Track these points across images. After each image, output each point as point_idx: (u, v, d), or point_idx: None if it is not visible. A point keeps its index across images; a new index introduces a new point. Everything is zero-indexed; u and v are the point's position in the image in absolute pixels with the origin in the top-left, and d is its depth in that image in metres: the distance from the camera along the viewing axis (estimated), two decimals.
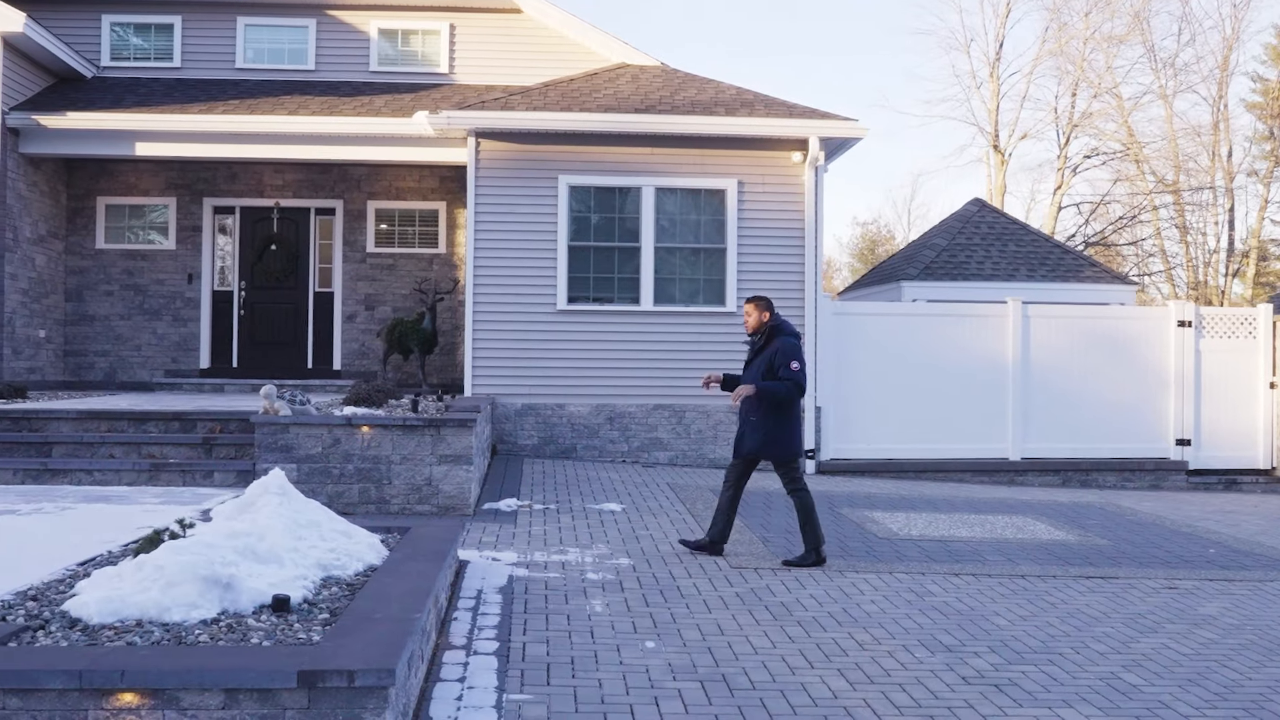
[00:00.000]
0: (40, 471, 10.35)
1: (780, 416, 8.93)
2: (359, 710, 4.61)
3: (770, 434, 8.91)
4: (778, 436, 8.93)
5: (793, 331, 9.13)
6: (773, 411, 8.90)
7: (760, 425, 8.92)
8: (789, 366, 8.78)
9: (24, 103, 15.07)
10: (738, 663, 6.52)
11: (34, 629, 5.23)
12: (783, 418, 8.94)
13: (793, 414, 9.01)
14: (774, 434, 8.92)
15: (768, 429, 8.90)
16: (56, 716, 4.51)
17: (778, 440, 8.94)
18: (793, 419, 9.01)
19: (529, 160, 14.76)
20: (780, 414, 8.92)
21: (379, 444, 10.51)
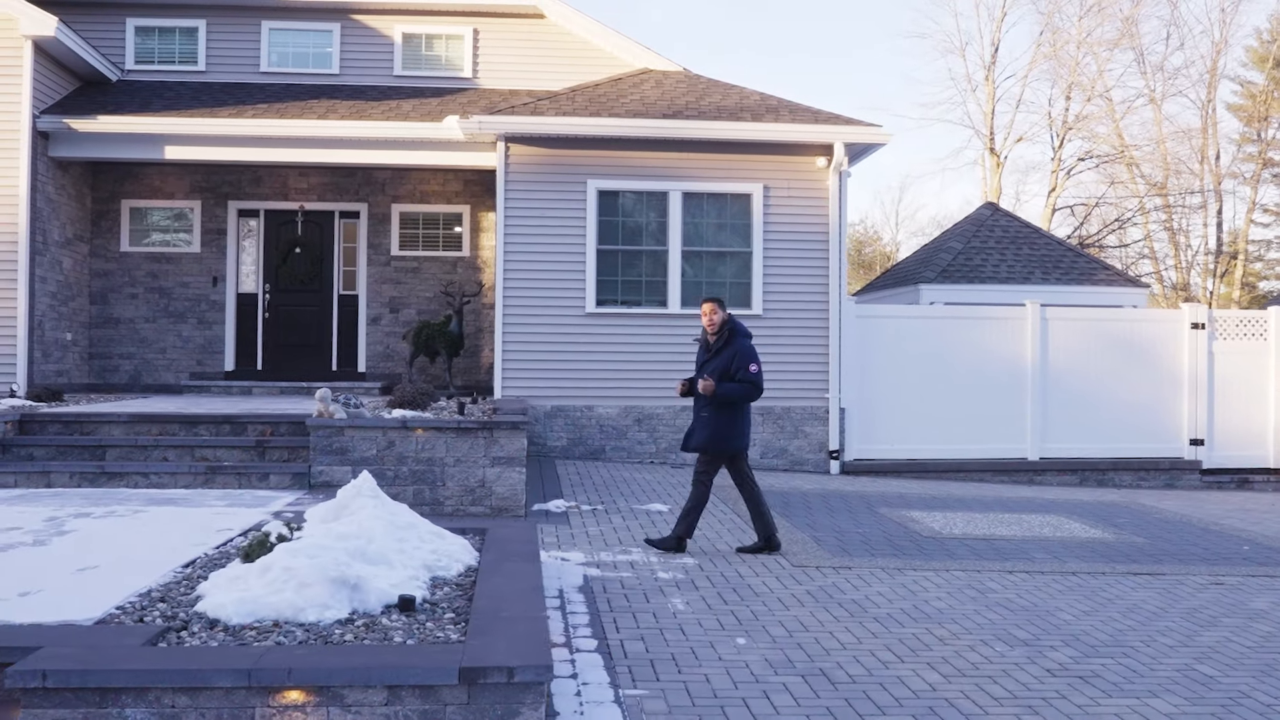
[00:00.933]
0: (97, 475, 10.45)
1: (731, 415, 9.25)
2: (517, 705, 4.78)
3: (719, 430, 9.22)
4: (727, 433, 9.25)
5: (746, 332, 9.44)
6: (725, 409, 9.18)
7: (710, 421, 9.24)
8: (748, 369, 9.13)
9: (52, 106, 15.12)
10: (829, 658, 6.72)
11: (176, 629, 5.38)
12: (734, 415, 9.27)
13: (743, 411, 9.34)
14: (723, 430, 9.23)
15: (717, 425, 9.22)
16: (225, 714, 4.67)
17: (727, 437, 9.26)
18: (742, 416, 9.35)
19: (558, 165, 14.93)
20: (732, 413, 9.25)
21: (433, 446, 10.66)
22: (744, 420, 9.36)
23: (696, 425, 9.34)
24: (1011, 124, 34.13)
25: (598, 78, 16.76)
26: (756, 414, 15.07)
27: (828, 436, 15.22)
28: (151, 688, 4.63)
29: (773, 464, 15.13)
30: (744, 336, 9.31)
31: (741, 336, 9.29)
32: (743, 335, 9.31)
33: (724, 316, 9.36)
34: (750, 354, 9.18)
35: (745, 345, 9.23)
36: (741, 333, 9.33)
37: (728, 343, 9.26)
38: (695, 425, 9.36)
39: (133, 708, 4.63)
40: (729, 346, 9.23)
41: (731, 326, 9.34)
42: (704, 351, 9.45)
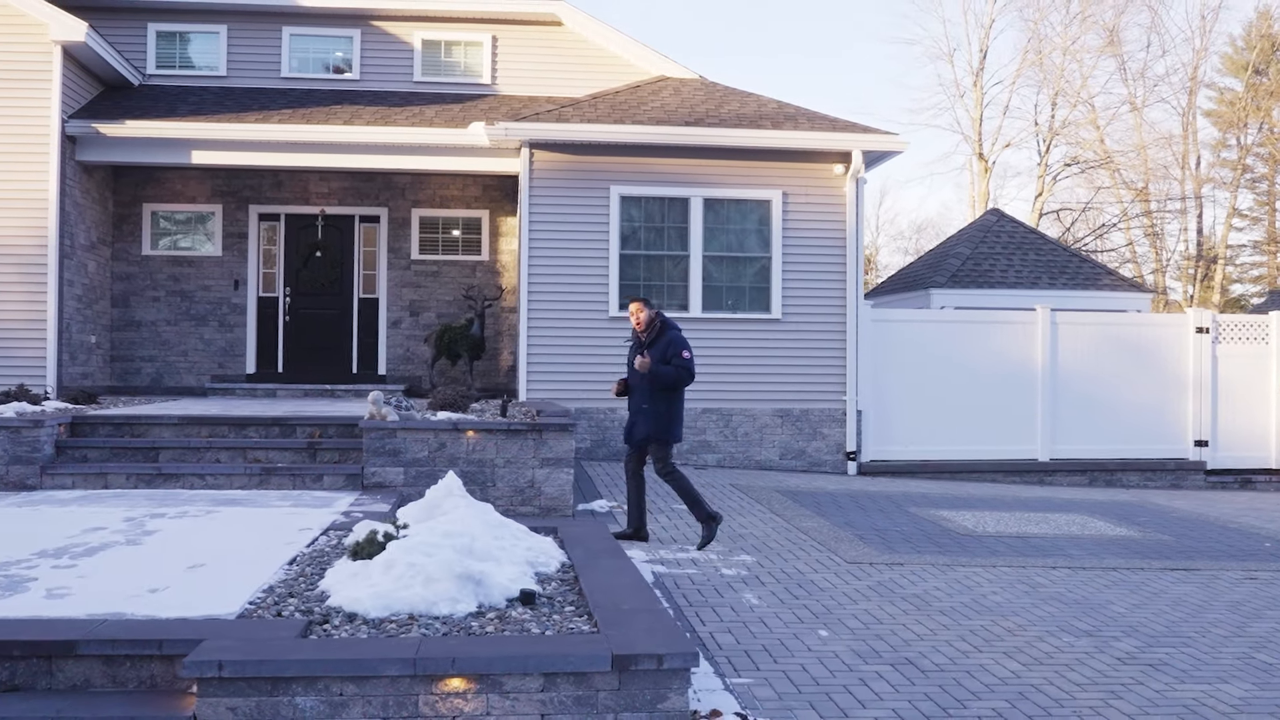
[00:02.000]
0: (154, 476, 10.60)
1: (670, 406, 9.66)
2: (664, 690, 5.05)
3: (660, 421, 9.61)
4: (668, 423, 9.65)
5: (676, 326, 9.87)
6: (663, 400, 9.61)
7: (651, 414, 9.63)
8: (681, 355, 9.55)
9: (79, 110, 15.23)
10: (910, 648, 7.02)
11: (317, 622, 5.60)
12: (672, 407, 9.68)
13: (678, 402, 9.74)
14: (664, 421, 9.62)
15: (658, 416, 9.61)
16: (390, 701, 4.91)
17: (668, 426, 9.65)
18: (679, 405, 9.75)
19: (581, 171, 15.19)
20: (670, 403, 9.66)
21: (483, 448, 10.90)
22: (680, 410, 9.77)
23: (638, 420, 9.74)
24: (999, 129, 34.76)
25: (614, 85, 17.03)
26: (775, 417, 15.41)
27: (845, 438, 15.55)
28: (321, 677, 4.86)
29: (791, 465, 15.44)
30: (673, 329, 9.74)
31: (671, 329, 9.73)
32: (672, 328, 9.75)
33: (650, 314, 9.76)
34: (681, 342, 9.62)
35: (676, 335, 9.69)
36: (671, 326, 9.77)
37: (659, 336, 9.69)
38: (636, 420, 9.76)
39: (303, 696, 4.86)
40: (661, 339, 9.67)
41: (661, 321, 9.77)
42: (636, 349, 9.86)
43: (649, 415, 9.61)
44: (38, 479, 10.54)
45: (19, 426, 10.61)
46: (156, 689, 5.19)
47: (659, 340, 9.64)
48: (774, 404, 15.44)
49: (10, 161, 14.58)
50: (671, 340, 9.61)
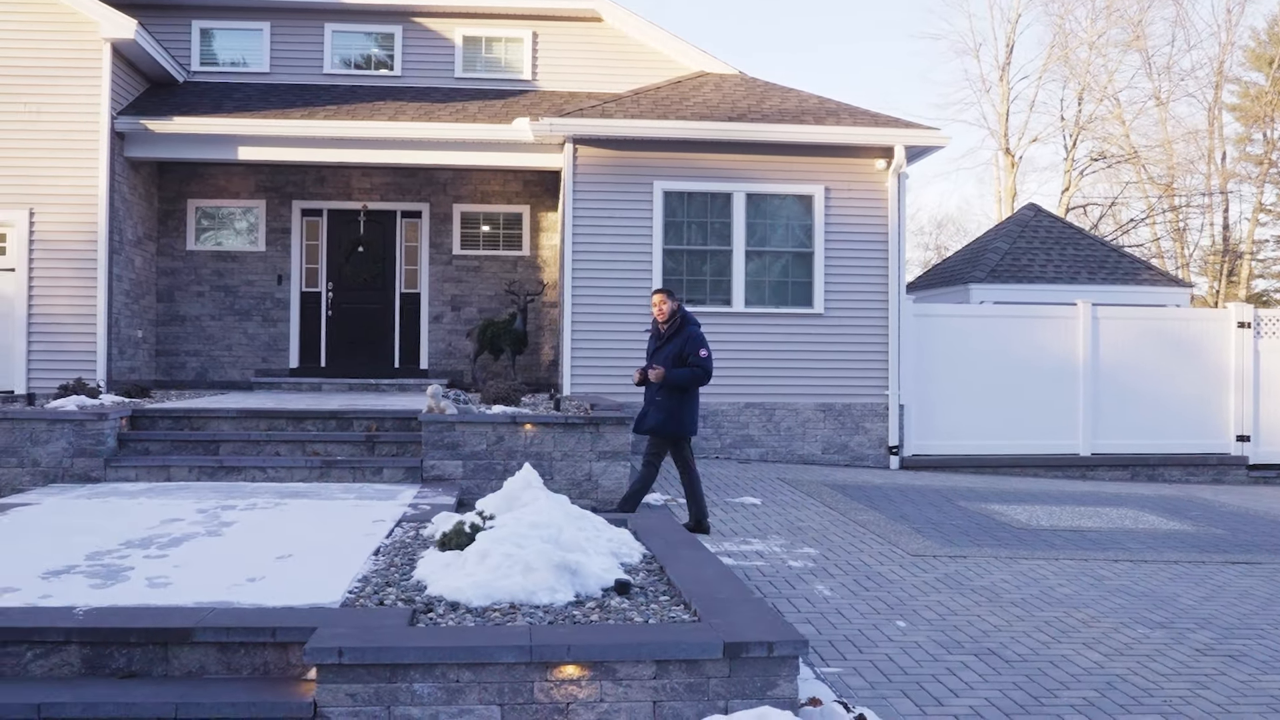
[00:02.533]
0: (215, 469, 10.70)
1: (682, 399, 9.74)
2: (774, 678, 5.13)
3: (671, 413, 9.70)
4: (680, 417, 9.74)
5: (696, 321, 9.95)
6: (676, 395, 9.68)
7: (664, 405, 9.73)
8: (698, 354, 9.65)
9: (127, 107, 15.33)
10: (990, 639, 7.08)
11: (421, 611, 5.68)
12: (684, 400, 9.76)
13: (693, 396, 9.83)
14: (675, 413, 9.72)
15: (669, 409, 9.71)
16: (505, 688, 4.99)
17: (680, 420, 9.75)
18: (692, 401, 9.84)
19: (624, 166, 15.24)
20: (682, 397, 9.74)
21: (541, 441, 10.97)
22: (694, 405, 9.85)
23: (650, 409, 9.82)
24: (1026, 124, 34.70)
25: (654, 80, 17.08)
26: (817, 411, 15.46)
27: (887, 432, 15.59)
28: (438, 664, 4.94)
29: (833, 459, 15.49)
30: (693, 325, 9.81)
31: (691, 325, 9.80)
32: (692, 324, 9.82)
33: (673, 306, 9.83)
34: (700, 340, 9.69)
35: (695, 332, 9.74)
36: (691, 321, 9.85)
37: (678, 330, 9.76)
38: (648, 409, 9.85)
39: (420, 683, 4.93)
40: (680, 334, 9.74)
41: (682, 315, 9.84)
42: (655, 340, 9.96)
43: (661, 408, 9.73)
44: (101, 471, 10.65)
45: (83, 420, 10.72)
46: (269, 676, 5.27)
47: (678, 334, 9.72)
48: (816, 398, 15.49)
49: (60, 158, 14.68)
50: (690, 336, 9.66)
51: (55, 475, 10.65)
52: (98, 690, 5.01)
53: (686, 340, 9.67)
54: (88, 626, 5.24)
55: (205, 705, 4.90)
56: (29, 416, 10.73)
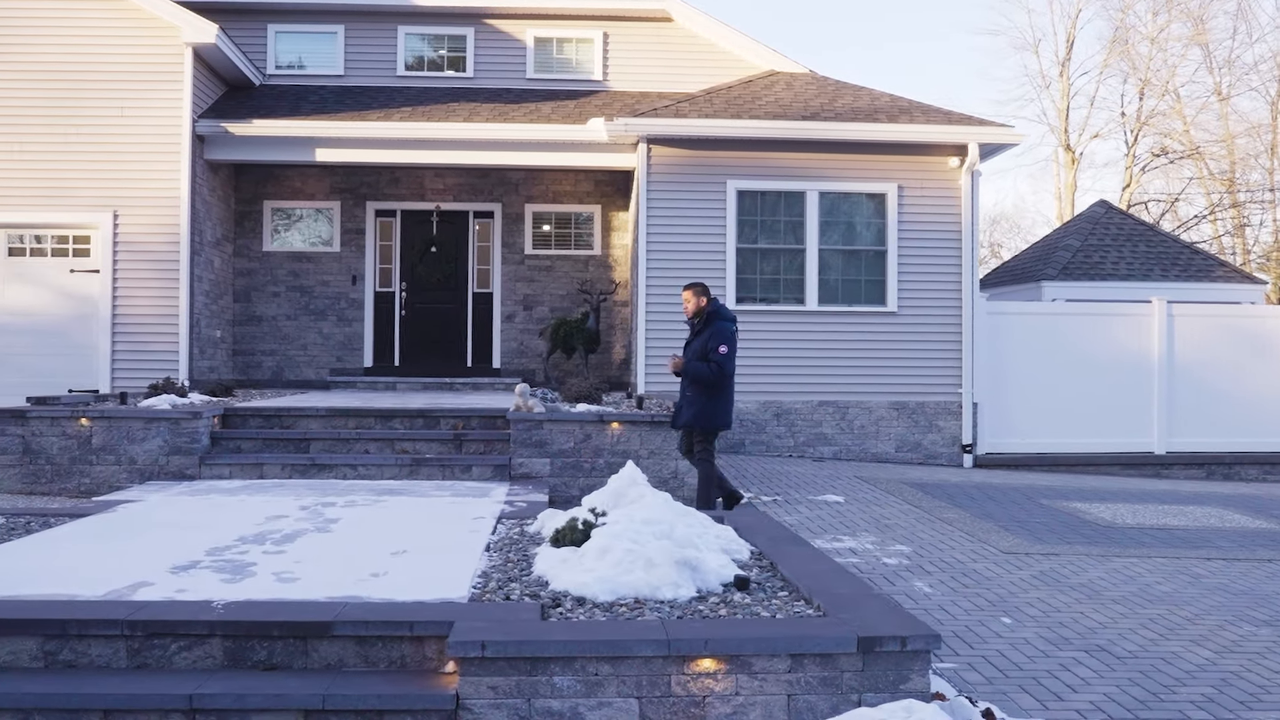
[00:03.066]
0: (308, 466, 10.88)
1: (714, 394, 9.77)
2: (907, 672, 5.17)
3: (704, 409, 9.77)
4: (711, 412, 9.79)
5: (729, 316, 9.96)
6: (705, 390, 9.71)
7: (695, 400, 9.80)
8: (717, 350, 9.65)
9: (207, 110, 15.58)
10: (1097, 635, 7.09)
11: (549, 606, 5.77)
12: (716, 395, 9.79)
13: (725, 392, 9.85)
14: (707, 409, 9.78)
15: (701, 404, 9.78)
16: (643, 680, 5.07)
17: (712, 415, 9.80)
18: (724, 397, 9.86)
19: (698, 165, 15.31)
20: (714, 392, 9.76)
21: (627, 439, 11.07)
22: (726, 400, 9.88)
23: (683, 404, 9.92)
24: (1087, 120, 34.45)
25: (724, 79, 17.13)
26: (891, 409, 15.46)
27: (961, 430, 15.56)
28: (578, 657, 5.03)
29: (907, 457, 15.49)
30: (723, 320, 9.82)
31: (720, 320, 9.81)
32: (721, 319, 9.83)
33: (701, 302, 9.87)
34: (722, 336, 9.68)
35: (720, 327, 9.75)
36: (722, 316, 9.86)
37: (707, 324, 9.80)
38: (682, 404, 9.95)
39: (560, 676, 5.03)
40: (708, 328, 9.77)
41: (711, 310, 9.86)
42: (691, 334, 9.98)
43: (692, 403, 9.83)
44: (196, 469, 10.85)
45: (178, 418, 10.94)
46: (406, 669, 5.38)
47: (705, 329, 9.77)
48: (890, 397, 15.49)
49: (143, 161, 14.94)
50: (714, 332, 9.71)
51: (151, 473, 10.87)
52: (246, 681, 5.14)
53: (711, 335, 9.71)
54: (230, 620, 5.37)
55: (351, 696, 5.01)
56: (126, 415, 10.95)
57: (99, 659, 5.31)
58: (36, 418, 10.92)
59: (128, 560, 6.72)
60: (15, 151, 14.92)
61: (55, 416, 10.93)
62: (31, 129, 14.90)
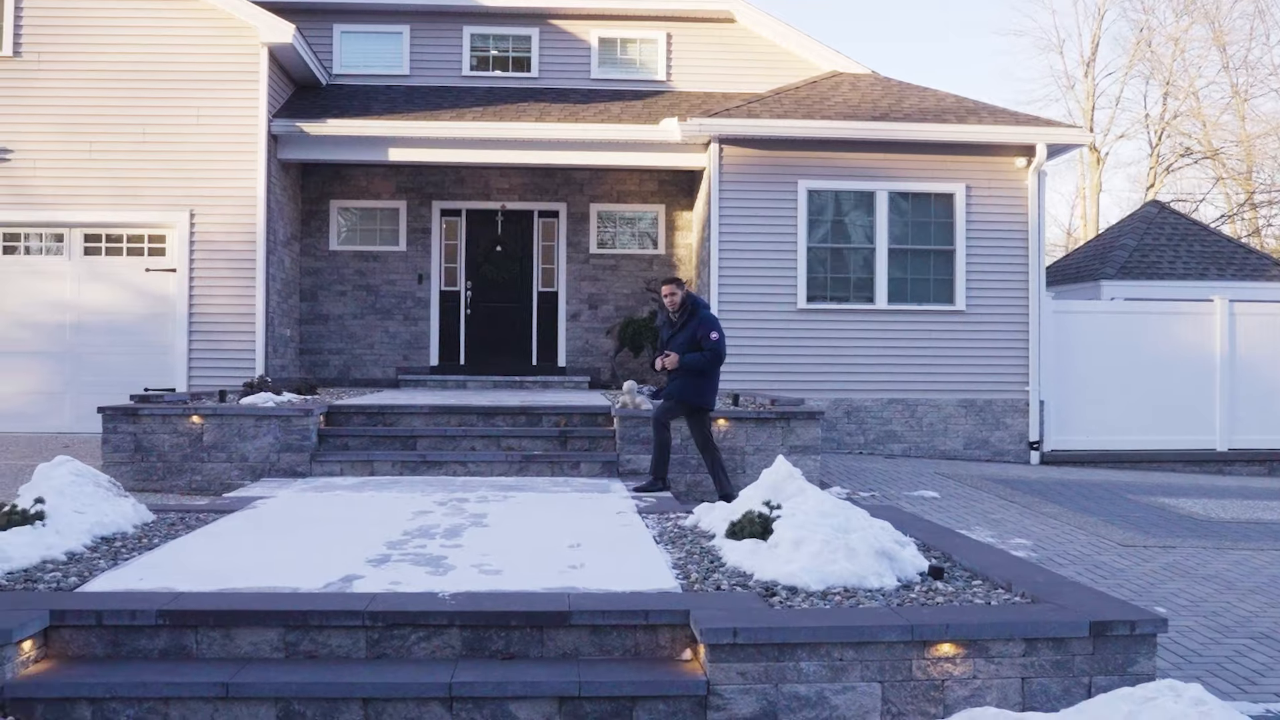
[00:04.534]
0: (418, 463, 10.98)
1: (700, 379, 9.95)
2: (1134, 655, 5.33)
3: (692, 389, 9.90)
4: (699, 392, 9.91)
5: (706, 304, 10.25)
6: (694, 376, 9.89)
7: (684, 383, 9.93)
8: (709, 337, 9.84)
9: (280, 110, 15.66)
10: (1253, 624, 7.24)
11: (765, 595, 5.89)
12: (704, 380, 9.97)
13: (713, 374, 10.04)
14: (695, 390, 9.89)
15: (692, 385, 9.92)
16: (886, 665, 5.22)
17: (700, 391, 9.94)
18: (712, 378, 10.04)
19: (768, 165, 15.45)
20: (701, 378, 9.94)
21: (734, 435, 11.20)
22: (714, 381, 10.07)
23: (673, 384, 10.03)
24: (1112, 120, 34.65)
25: (786, 79, 17.28)
26: (959, 407, 15.62)
27: (1028, 428, 15.74)
28: (823, 643, 5.18)
29: (975, 455, 15.65)
30: (705, 309, 10.04)
31: (703, 309, 10.02)
32: (703, 308, 10.04)
33: (683, 295, 10.03)
34: (712, 322, 9.92)
35: (707, 315, 9.98)
36: (702, 305, 10.07)
37: (691, 315, 9.96)
38: (671, 386, 10.05)
39: (806, 661, 5.17)
40: (693, 319, 9.95)
41: (693, 302, 10.04)
42: (669, 328, 10.15)
43: (682, 383, 9.94)
44: (306, 466, 10.95)
45: (289, 415, 11.03)
46: (640, 656, 5.51)
47: (690, 320, 9.93)
48: (958, 394, 15.65)
49: (219, 161, 15.01)
50: (703, 320, 9.90)
51: (262, 470, 10.96)
52: (496, 670, 5.27)
53: (699, 324, 9.88)
54: (468, 610, 5.49)
55: (606, 684, 5.14)
56: (238, 413, 11.04)
57: (339, 649, 5.43)
58: (149, 415, 11.00)
59: (314, 554, 6.84)
60: (90, 152, 14.98)
61: (167, 414, 11.01)
62: (106, 129, 14.96)
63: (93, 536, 7.17)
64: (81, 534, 7.10)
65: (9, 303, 15.17)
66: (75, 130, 14.97)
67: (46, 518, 7.06)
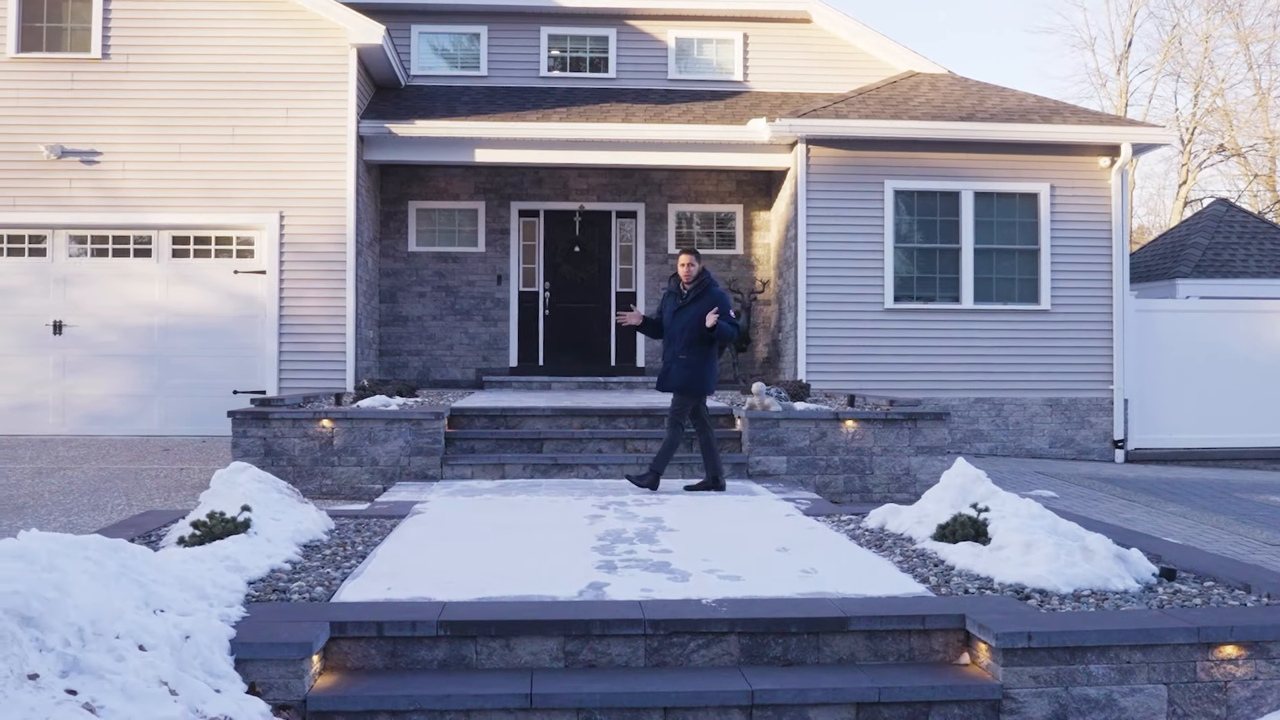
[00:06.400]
0: (549, 465, 11.00)
1: (706, 359, 9.93)
2: None
3: (696, 372, 9.87)
4: (703, 375, 9.90)
5: (718, 281, 10.23)
6: (700, 353, 9.88)
7: (689, 364, 9.89)
8: (730, 314, 9.83)
9: (365, 111, 15.63)
10: None
11: (1019, 598, 5.93)
12: (708, 359, 9.95)
13: (714, 356, 10.04)
14: (699, 373, 9.88)
15: (694, 368, 9.87)
16: (1171, 667, 5.27)
17: (703, 379, 9.91)
18: (714, 360, 10.04)
19: (855, 166, 15.50)
20: (706, 357, 9.93)
21: (862, 437, 11.24)
22: (715, 365, 10.06)
23: (674, 368, 9.96)
24: (1144, 118, 34.74)
25: (862, 79, 17.33)
26: (1044, 406, 15.70)
27: (1112, 426, 15.82)
28: (1112, 646, 5.24)
29: (1060, 453, 15.73)
30: (716, 286, 10.01)
31: (715, 286, 9.99)
32: (715, 285, 10.01)
33: (700, 268, 9.99)
34: (726, 300, 9.89)
35: (719, 292, 9.93)
36: (714, 282, 10.04)
37: (704, 291, 9.91)
38: (672, 368, 9.98)
39: (1095, 664, 5.23)
40: (708, 293, 9.89)
41: (707, 277, 10.02)
42: (675, 300, 10.04)
43: (685, 365, 9.88)
44: (437, 469, 10.95)
45: (420, 419, 11.03)
46: (914, 660, 5.55)
47: (704, 295, 9.86)
48: (1043, 393, 15.74)
49: (308, 162, 15.00)
50: (721, 295, 9.86)
51: (392, 474, 10.96)
52: (794, 677, 5.30)
53: (717, 298, 9.83)
54: (746, 618, 5.52)
55: (905, 689, 5.19)
56: (368, 416, 11.04)
57: (619, 658, 5.46)
58: (279, 419, 10.99)
59: (530, 560, 6.88)
60: (179, 154, 14.95)
61: (297, 418, 11.00)
62: (195, 131, 14.94)
63: (296, 544, 7.19)
64: (287, 542, 7.12)
65: (98, 305, 15.14)
66: (164, 132, 14.94)
67: (253, 525, 7.07)
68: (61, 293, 15.18)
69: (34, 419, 15.02)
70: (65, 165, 14.94)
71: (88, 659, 4.17)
